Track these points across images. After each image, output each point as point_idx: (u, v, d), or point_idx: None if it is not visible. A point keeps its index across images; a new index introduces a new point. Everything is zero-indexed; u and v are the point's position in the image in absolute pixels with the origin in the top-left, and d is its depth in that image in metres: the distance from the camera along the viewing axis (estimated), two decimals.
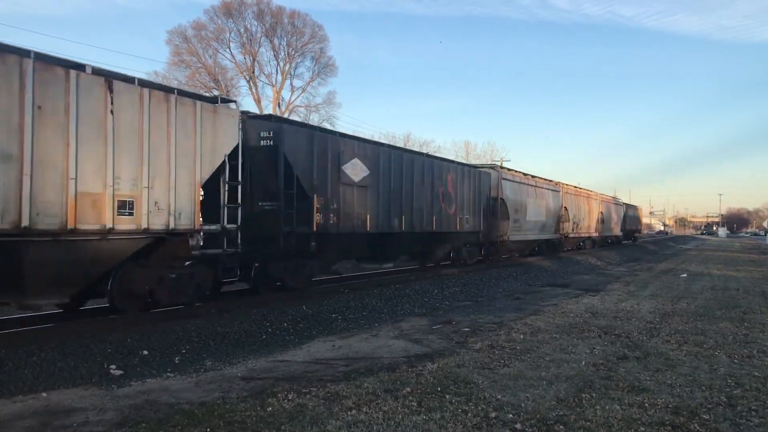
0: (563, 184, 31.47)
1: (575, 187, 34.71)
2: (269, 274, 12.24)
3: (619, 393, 5.92)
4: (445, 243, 19.77)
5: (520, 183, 24.94)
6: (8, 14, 75.22)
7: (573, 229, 31.39)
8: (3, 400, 5.64)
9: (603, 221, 39.30)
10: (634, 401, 5.65)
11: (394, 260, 18.65)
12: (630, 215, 51.49)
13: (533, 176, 27.67)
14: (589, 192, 37.03)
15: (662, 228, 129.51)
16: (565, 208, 30.49)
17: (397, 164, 15.89)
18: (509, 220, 22.97)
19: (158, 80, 40.16)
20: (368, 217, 14.55)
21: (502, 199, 22.60)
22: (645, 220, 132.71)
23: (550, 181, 30.04)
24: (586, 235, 35.19)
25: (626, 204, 52.39)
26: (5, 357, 6.58)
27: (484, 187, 21.75)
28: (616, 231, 45.13)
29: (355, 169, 14.06)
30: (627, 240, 51.65)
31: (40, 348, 6.98)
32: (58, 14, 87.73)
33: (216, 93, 38.65)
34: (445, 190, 18.64)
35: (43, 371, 6.46)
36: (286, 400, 5.54)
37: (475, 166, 22.60)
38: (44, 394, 5.87)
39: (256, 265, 11.78)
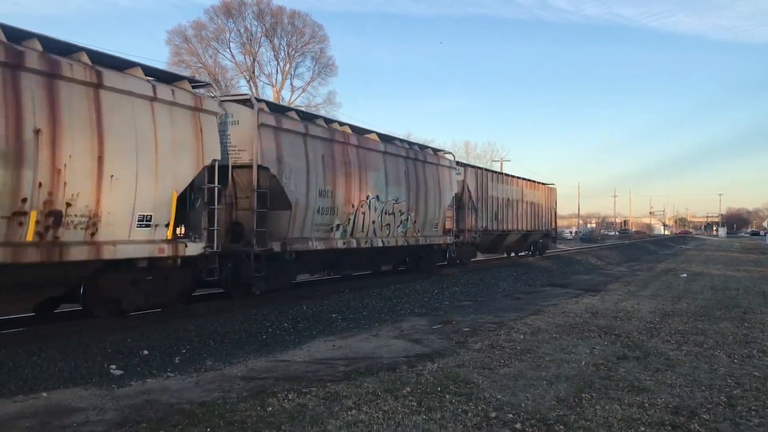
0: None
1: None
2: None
3: (619, 393, 5.92)
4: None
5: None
6: (8, 14, 75.32)
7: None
8: (3, 400, 5.64)
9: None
10: (634, 401, 5.65)
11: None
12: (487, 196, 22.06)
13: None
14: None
15: (663, 228, 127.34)
16: None
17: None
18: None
19: None
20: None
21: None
22: (645, 220, 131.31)
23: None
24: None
25: (479, 169, 22.55)
26: (5, 357, 6.57)
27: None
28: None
29: None
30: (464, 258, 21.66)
31: (40, 348, 6.98)
32: (61, 15, 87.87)
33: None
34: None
35: (44, 371, 6.46)
36: (286, 400, 5.53)
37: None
38: (44, 394, 5.87)
39: None
